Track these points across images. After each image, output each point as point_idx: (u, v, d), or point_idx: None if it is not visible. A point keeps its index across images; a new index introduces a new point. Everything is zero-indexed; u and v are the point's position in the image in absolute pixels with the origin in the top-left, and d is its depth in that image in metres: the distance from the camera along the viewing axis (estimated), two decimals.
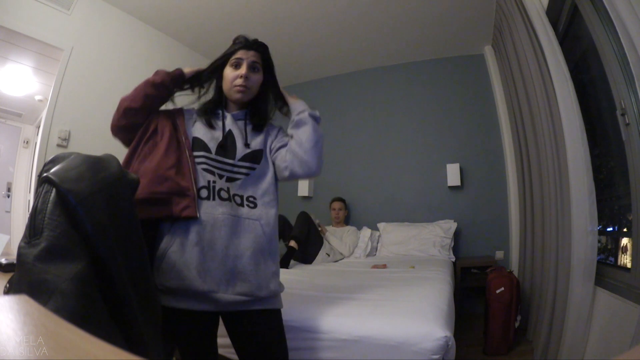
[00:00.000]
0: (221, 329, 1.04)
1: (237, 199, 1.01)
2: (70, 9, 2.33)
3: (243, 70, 1.04)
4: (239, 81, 1.04)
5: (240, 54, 1.06)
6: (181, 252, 0.91)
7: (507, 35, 2.40)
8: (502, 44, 2.65)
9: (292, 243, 2.67)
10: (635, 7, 1.07)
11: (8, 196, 3.62)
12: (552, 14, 1.81)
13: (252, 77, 1.06)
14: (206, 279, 0.91)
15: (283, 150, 1.07)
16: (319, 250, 2.79)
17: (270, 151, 1.11)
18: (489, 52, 3.14)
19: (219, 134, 1.06)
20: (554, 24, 1.79)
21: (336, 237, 3.09)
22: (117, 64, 2.62)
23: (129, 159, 0.99)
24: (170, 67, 1.06)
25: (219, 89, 1.11)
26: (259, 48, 1.08)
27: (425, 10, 2.71)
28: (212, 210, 0.95)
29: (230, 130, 1.07)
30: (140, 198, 0.89)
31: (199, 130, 1.06)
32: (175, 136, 1.02)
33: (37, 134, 2.63)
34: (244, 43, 1.07)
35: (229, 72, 1.07)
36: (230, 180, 1.02)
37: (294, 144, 1.04)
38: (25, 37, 2.18)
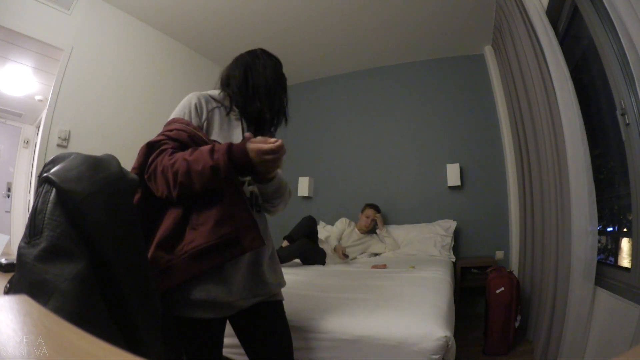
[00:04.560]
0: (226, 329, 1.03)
1: (260, 202, 1.02)
2: (70, 9, 2.33)
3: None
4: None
5: None
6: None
7: (507, 35, 2.40)
8: (502, 44, 2.65)
9: (284, 243, 2.62)
10: (635, 7, 1.07)
11: (8, 196, 3.63)
12: (552, 14, 1.81)
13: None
14: (232, 291, 0.90)
15: None
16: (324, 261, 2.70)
17: None
18: (489, 52, 3.14)
19: (237, 135, 1.01)
20: (554, 24, 1.79)
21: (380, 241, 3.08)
22: (117, 64, 2.62)
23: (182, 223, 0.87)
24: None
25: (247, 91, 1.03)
26: None
27: (425, 10, 2.71)
28: None
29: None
30: (207, 247, 0.81)
31: (217, 132, 0.99)
32: None
33: (37, 134, 2.63)
34: None
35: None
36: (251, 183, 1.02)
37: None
38: (25, 37, 2.18)
